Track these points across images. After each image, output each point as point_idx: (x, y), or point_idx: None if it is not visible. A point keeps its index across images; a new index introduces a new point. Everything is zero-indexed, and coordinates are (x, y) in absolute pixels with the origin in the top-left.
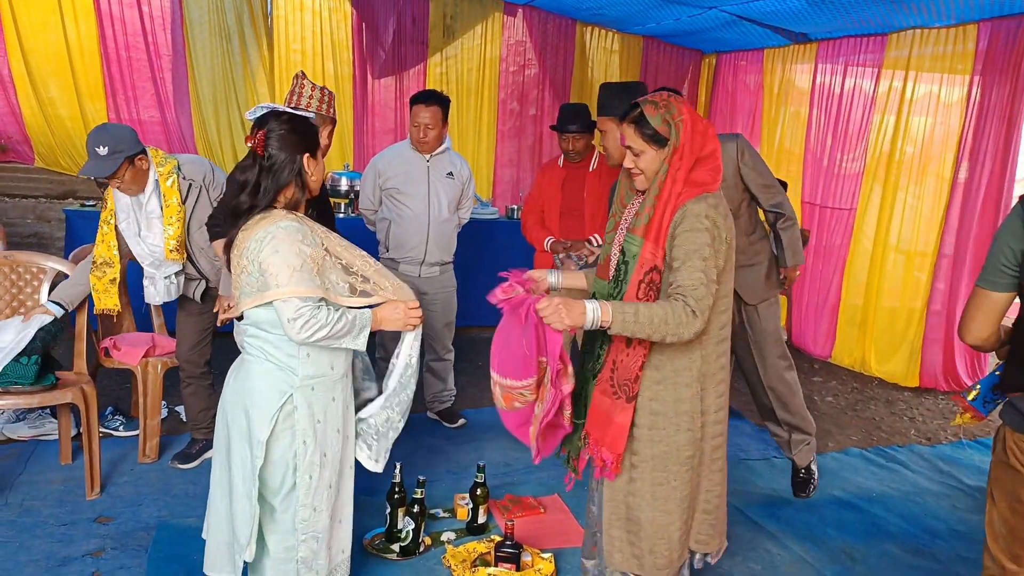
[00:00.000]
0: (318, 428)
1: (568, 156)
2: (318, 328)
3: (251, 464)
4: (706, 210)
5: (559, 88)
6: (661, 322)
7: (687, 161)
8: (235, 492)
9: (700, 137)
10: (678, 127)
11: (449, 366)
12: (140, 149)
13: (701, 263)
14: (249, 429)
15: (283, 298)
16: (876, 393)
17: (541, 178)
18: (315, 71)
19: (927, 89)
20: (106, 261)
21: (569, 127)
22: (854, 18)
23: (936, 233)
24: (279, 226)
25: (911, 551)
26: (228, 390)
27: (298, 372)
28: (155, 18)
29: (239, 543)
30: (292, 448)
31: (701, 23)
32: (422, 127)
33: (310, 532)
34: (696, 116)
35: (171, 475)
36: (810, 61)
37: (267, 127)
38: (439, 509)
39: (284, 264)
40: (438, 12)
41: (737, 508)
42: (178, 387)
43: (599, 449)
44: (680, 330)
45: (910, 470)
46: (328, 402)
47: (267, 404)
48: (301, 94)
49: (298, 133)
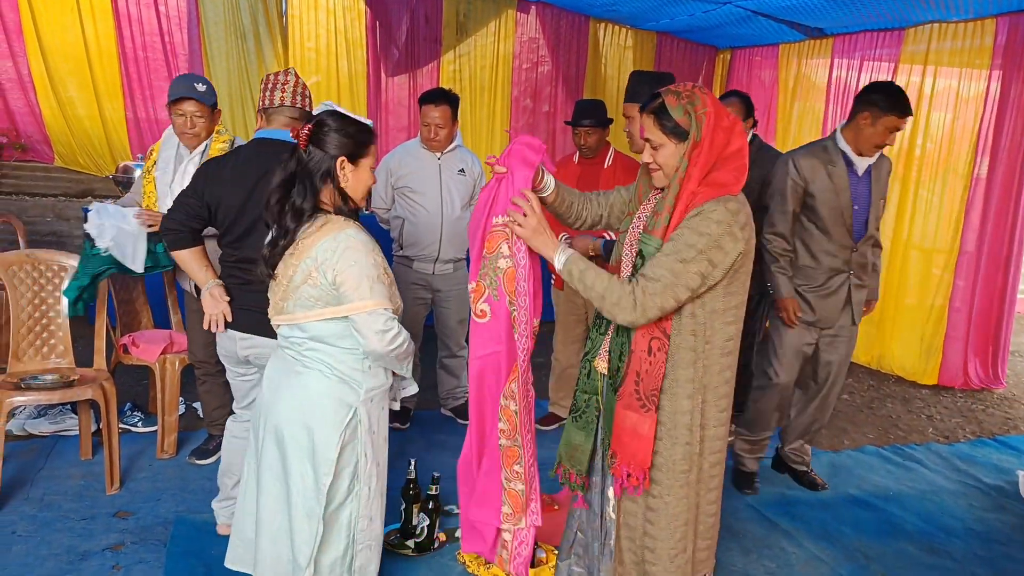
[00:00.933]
0: (374, 438)
1: (581, 151)
2: (402, 340)
3: (316, 482)
4: (723, 214)
5: (572, 85)
6: (598, 296)
7: (707, 158)
8: (294, 510)
9: (724, 134)
10: (699, 120)
11: (463, 363)
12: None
13: (678, 264)
14: (313, 447)
15: (367, 310)
16: (893, 391)
17: (557, 173)
18: (329, 69)
19: (945, 84)
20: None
21: (583, 121)
22: (871, 13)
23: (956, 230)
24: (348, 234)
25: (927, 550)
26: (282, 404)
27: (362, 385)
28: (171, 18)
29: (298, 563)
30: (353, 460)
31: (715, 19)
32: (432, 126)
33: (366, 541)
34: (722, 111)
35: (189, 470)
36: (826, 56)
37: (318, 121)
38: (453, 505)
39: (364, 276)
40: (451, 10)
41: (751, 506)
42: (195, 384)
43: (627, 466)
44: (614, 311)
45: (927, 468)
46: (380, 412)
47: (335, 420)
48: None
49: (345, 135)
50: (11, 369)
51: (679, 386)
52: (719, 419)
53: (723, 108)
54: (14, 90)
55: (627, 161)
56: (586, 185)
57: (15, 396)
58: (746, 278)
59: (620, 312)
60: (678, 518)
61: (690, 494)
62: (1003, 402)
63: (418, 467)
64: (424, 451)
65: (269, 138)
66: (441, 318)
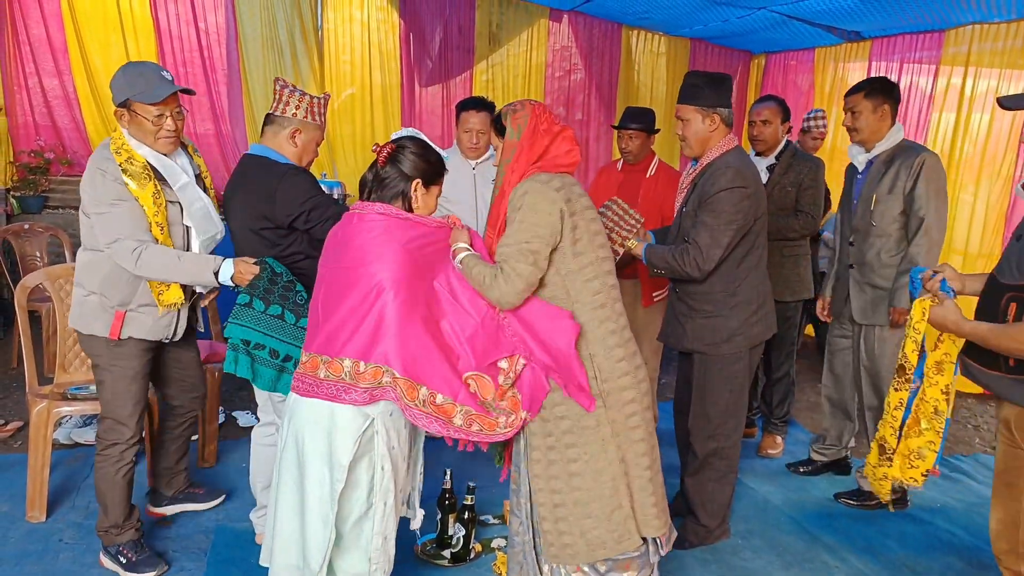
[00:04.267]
0: (393, 454)
1: (624, 157)
2: None
3: (330, 488)
4: (529, 185)
5: (605, 92)
6: (477, 284)
7: (527, 157)
8: (308, 514)
9: (544, 137)
10: (518, 126)
11: None
12: None
13: (510, 239)
14: (330, 451)
15: None
16: None
17: (598, 178)
18: (364, 81)
19: (987, 85)
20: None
21: (629, 125)
22: (909, 15)
23: (997, 233)
24: None
25: (975, 565)
26: (304, 409)
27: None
28: (211, 34)
29: (310, 568)
30: (370, 473)
31: (750, 24)
32: (474, 132)
33: (380, 562)
34: (543, 122)
35: (229, 479)
36: (864, 59)
37: (400, 143)
38: (489, 515)
39: None
40: (484, 20)
41: (792, 518)
42: (237, 393)
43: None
44: (488, 294)
45: (975, 480)
46: (401, 429)
47: (352, 427)
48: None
49: (424, 160)
50: (57, 380)
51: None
52: (621, 370)
53: (546, 120)
54: (60, 107)
55: (671, 172)
56: (627, 192)
57: (62, 406)
58: (591, 237)
59: (489, 293)
60: (601, 474)
61: (608, 449)
62: None
63: (454, 477)
64: (459, 460)
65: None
66: None
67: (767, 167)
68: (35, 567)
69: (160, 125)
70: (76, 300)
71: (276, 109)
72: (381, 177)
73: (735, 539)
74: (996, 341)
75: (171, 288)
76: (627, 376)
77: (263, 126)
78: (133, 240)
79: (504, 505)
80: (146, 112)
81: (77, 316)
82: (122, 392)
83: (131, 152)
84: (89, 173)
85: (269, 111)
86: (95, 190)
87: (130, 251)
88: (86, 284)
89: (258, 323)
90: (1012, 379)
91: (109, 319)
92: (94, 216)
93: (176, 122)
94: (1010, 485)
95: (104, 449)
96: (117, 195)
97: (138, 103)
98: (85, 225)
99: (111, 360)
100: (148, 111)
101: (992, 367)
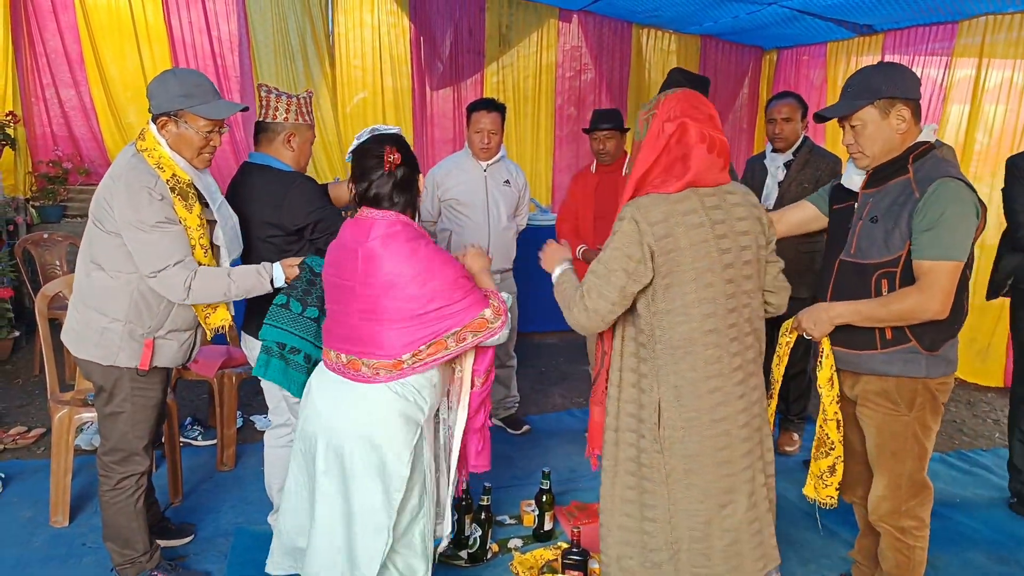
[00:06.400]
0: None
1: (600, 158)
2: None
3: (386, 498)
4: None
5: (616, 91)
6: (564, 306)
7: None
8: (356, 526)
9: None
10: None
11: (512, 372)
12: None
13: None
14: (383, 464)
15: None
16: (957, 395)
17: (574, 185)
18: (375, 86)
19: (1000, 76)
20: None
21: (602, 125)
22: (922, 7)
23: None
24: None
25: (996, 559)
26: (344, 421)
27: (427, 402)
28: (224, 42)
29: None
30: (421, 477)
31: (760, 19)
32: (485, 132)
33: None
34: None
35: (248, 482)
36: (876, 53)
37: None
38: (506, 516)
39: None
40: (494, 22)
41: (809, 514)
42: (254, 398)
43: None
44: (568, 318)
45: (995, 475)
46: (430, 430)
47: (406, 439)
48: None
49: (412, 155)
50: (78, 386)
51: (644, 381)
52: (690, 420)
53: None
54: (78, 117)
55: None
56: (605, 194)
57: (83, 412)
58: (694, 276)
59: (569, 316)
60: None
61: (659, 492)
62: None
63: (470, 478)
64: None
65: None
66: None
67: (784, 164)
68: (60, 570)
69: (208, 140)
70: (90, 328)
71: (266, 116)
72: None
73: None
74: (881, 312)
75: (218, 309)
76: (703, 431)
77: (256, 134)
78: (184, 268)
79: (520, 505)
80: (199, 125)
81: (94, 346)
82: (142, 423)
83: (174, 167)
84: (128, 189)
85: (258, 119)
86: (138, 210)
87: (182, 281)
88: (108, 311)
89: (294, 325)
90: (887, 353)
91: (137, 348)
92: (133, 239)
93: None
94: (895, 452)
95: (119, 483)
96: (165, 216)
97: (192, 115)
98: (106, 243)
99: (134, 392)
100: (201, 125)
101: (866, 347)
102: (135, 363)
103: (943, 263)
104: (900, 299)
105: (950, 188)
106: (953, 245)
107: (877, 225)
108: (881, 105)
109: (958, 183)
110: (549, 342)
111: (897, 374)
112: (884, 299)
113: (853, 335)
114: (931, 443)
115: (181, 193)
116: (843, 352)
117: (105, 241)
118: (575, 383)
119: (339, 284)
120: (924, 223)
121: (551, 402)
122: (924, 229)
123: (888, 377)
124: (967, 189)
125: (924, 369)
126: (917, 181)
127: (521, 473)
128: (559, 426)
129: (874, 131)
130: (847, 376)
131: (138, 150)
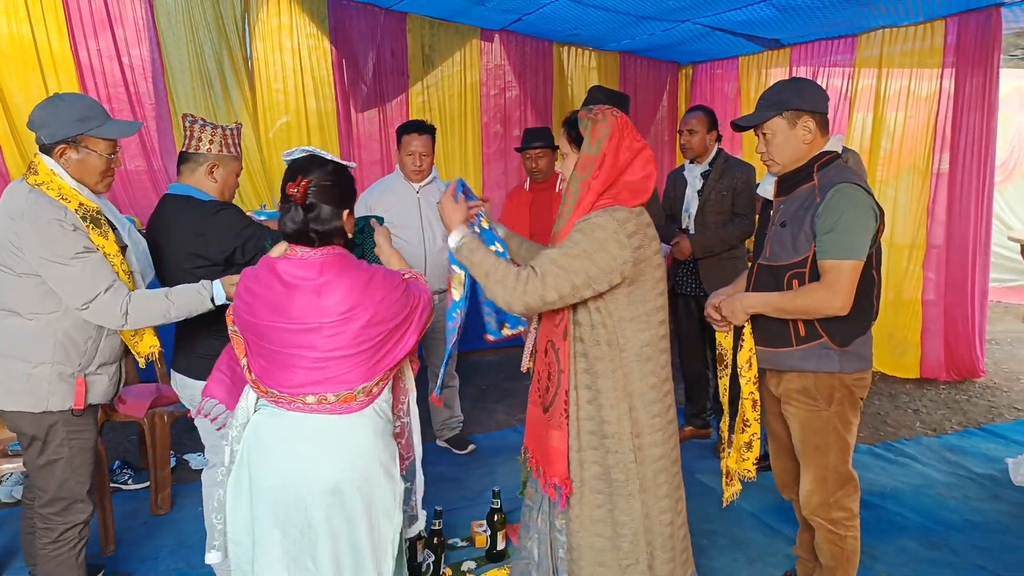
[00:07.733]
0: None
1: (533, 176)
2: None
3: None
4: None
5: (541, 108)
6: (483, 274)
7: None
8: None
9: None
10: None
11: (455, 392)
12: None
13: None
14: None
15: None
16: (878, 387)
17: (509, 203)
18: (298, 109)
19: (899, 85)
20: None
21: (533, 144)
22: (824, 22)
23: (922, 224)
24: None
25: (928, 545)
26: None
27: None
28: (135, 68)
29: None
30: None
31: (675, 36)
32: (417, 155)
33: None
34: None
35: (185, 526)
36: (785, 65)
37: (310, 175)
38: (457, 539)
39: None
40: (416, 43)
41: (753, 515)
42: (187, 435)
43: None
44: (495, 288)
45: (919, 463)
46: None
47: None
48: (192, 137)
49: (341, 186)
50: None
51: (603, 396)
52: (655, 425)
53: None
54: None
55: None
56: (540, 210)
57: (2, 463)
58: (652, 285)
59: (501, 289)
60: (623, 527)
61: (633, 505)
62: (985, 391)
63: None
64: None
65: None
66: (431, 349)
67: (701, 174)
68: None
69: (111, 163)
70: (12, 377)
71: (189, 146)
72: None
73: (700, 539)
74: (789, 305)
75: (145, 336)
76: (659, 432)
77: (179, 164)
78: (115, 294)
79: (471, 526)
80: (101, 148)
81: (21, 394)
82: (81, 467)
83: (79, 197)
84: (34, 225)
85: (182, 149)
86: (51, 244)
87: (118, 307)
88: (32, 356)
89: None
90: (803, 350)
91: (68, 389)
92: (54, 275)
93: (119, 160)
94: (819, 447)
95: (61, 535)
96: (83, 246)
97: (93, 138)
98: (18, 286)
99: (70, 436)
100: (103, 147)
101: (781, 344)
102: (68, 405)
103: (843, 262)
104: (805, 294)
105: (847, 193)
106: (851, 245)
107: (786, 230)
108: (789, 116)
109: (855, 188)
110: (488, 359)
111: (813, 369)
112: (792, 293)
113: (771, 333)
114: (852, 436)
115: (93, 221)
116: (763, 350)
117: (16, 284)
118: (517, 399)
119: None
120: (825, 226)
121: (495, 420)
122: (825, 231)
123: (806, 373)
124: (864, 193)
125: (838, 364)
126: (820, 187)
127: (470, 493)
128: (504, 443)
129: (782, 140)
130: (772, 375)
131: (34, 184)
